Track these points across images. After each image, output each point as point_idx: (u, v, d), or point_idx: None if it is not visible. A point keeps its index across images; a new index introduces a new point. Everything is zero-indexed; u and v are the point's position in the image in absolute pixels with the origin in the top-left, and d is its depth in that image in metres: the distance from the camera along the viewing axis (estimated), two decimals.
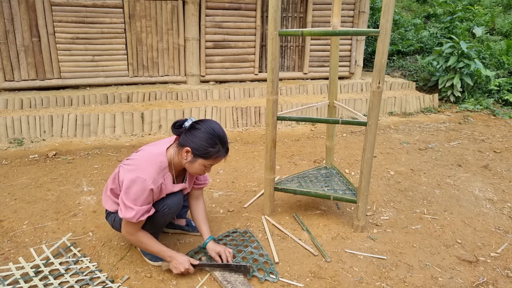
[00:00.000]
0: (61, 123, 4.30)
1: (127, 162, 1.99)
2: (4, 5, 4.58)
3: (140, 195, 1.87)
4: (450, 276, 2.14)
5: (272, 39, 2.33)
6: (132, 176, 1.87)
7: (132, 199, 1.87)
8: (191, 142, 1.91)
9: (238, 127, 4.87)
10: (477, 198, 3.09)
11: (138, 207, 1.87)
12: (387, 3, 2.07)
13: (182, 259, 2.02)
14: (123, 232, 1.99)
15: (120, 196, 1.91)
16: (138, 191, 1.86)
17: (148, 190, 1.88)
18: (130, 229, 1.96)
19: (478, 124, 5.30)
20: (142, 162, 1.94)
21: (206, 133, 1.91)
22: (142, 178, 1.86)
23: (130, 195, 1.87)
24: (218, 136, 1.93)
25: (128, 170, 1.92)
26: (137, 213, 1.87)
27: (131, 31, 5.19)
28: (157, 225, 2.09)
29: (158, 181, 1.93)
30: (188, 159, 1.95)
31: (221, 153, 1.96)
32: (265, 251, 2.26)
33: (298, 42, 6.10)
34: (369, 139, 2.32)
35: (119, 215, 1.91)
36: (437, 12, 8.93)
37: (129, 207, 1.87)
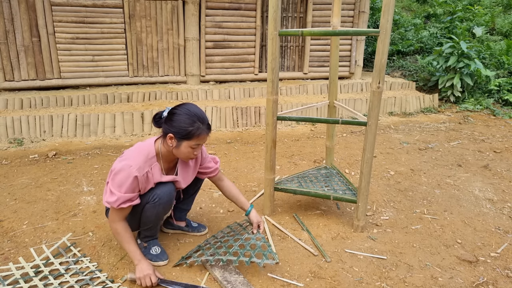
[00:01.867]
0: (61, 123, 4.30)
1: (121, 157, 2.04)
2: (4, 5, 4.58)
3: (124, 181, 1.91)
4: (450, 276, 2.14)
5: (272, 39, 2.33)
6: (120, 164, 1.93)
7: (117, 185, 1.92)
8: (172, 127, 1.95)
9: (238, 127, 4.87)
10: (477, 198, 3.09)
11: (120, 194, 1.91)
12: (387, 3, 2.07)
13: (148, 267, 1.97)
14: (108, 218, 2.04)
15: (107, 182, 1.98)
16: (123, 177, 1.91)
17: (132, 177, 1.91)
18: (112, 215, 1.99)
19: (478, 124, 5.30)
20: (131, 153, 2.00)
21: (183, 115, 1.94)
22: (128, 165, 1.92)
23: (116, 181, 1.92)
24: (195, 114, 1.95)
25: (118, 161, 1.98)
26: (118, 198, 1.91)
27: (131, 31, 5.19)
28: (150, 218, 2.09)
29: (143, 169, 1.96)
30: (174, 145, 1.98)
31: (202, 131, 1.97)
32: (262, 235, 2.26)
33: (298, 42, 6.10)
34: (369, 139, 2.32)
35: (103, 199, 1.98)
36: (437, 12, 8.94)
37: (112, 192, 1.93)
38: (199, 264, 2.16)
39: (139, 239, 2.25)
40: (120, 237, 2.01)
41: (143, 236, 2.22)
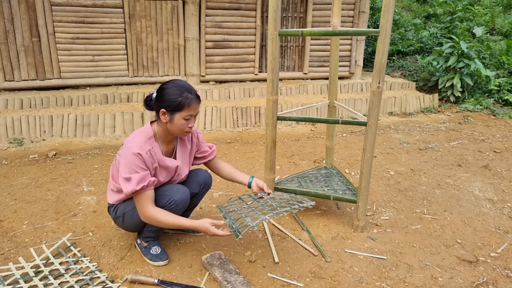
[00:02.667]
0: (61, 123, 4.30)
1: (119, 151, 2.04)
2: (4, 5, 4.58)
3: (131, 163, 1.91)
4: (450, 276, 2.14)
5: (272, 39, 2.33)
6: (124, 152, 1.94)
7: (127, 170, 1.91)
8: (163, 102, 1.95)
9: (238, 127, 4.87)
10: (477, 198, 3.09)
11: (134, 174, 1.90)
12: (387, 3, 2.07)
13: (203, 223, 1.95)
14: (142, 217, 1.98)
15: (119, 178, 1.95)
16: (129, 160, 1.91)
17: (136, 156, 1.91)
18: (141, 204, 1.94)
19: (478, 124, 5.30)
20: (130, 140, 1.99)
21: (171, 88, 1.96)
22: (130, 148, 1.92)
23: (124, 168, 1.91)
24: (182, 85, 1.97)
25: (121, 153, 1.98)
26: (135, 179, 1.89)
27: (131, 31, 5.19)
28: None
29: (144, 148, 1.95)
30: (167, 119, 1.98)
31: (192, 100, 1.96)
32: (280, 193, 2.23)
33: (298, 42, 6.10)
34: (369, 139, 2.32)
35: (124, 193, 1.92)
36: (437, 12, 8.94)
37: (126, 178, 1.90)
38: (199, 264, 2.16)
39: (139, 239, 2.25)
40: (163, 220, 1.95)
41: (145, 236, 2.21)
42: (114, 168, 2.09)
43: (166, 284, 1.99)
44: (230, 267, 2.09)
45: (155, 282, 1.98)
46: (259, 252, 2.29)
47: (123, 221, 2.15)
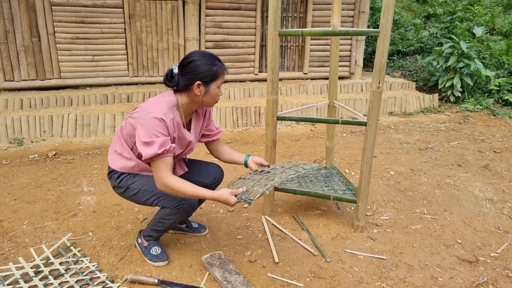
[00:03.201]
0: (61, 123, 4.30)
1: (133, 115, 1.96)
2: (4, 5, 4.58)
3: (153, 128, 1.83)
4: (450, 276, 2.14)
5: (272, 39, 2.33)
6: (144, 117, 1.86)
7: (147, 136, 1.83)
8: (195, 75, 1.90)
9: (238, 127, 4.87)
10: (477, 198, 3.09)
11: (156, 138, 1.83)
12: (387, 3, 2.07)
13: (224, 197, 1.89)
14: (159, 185, 1.90)
15: (137, 144, 1.87)
16: (150, 124, 1.84)
17: (160, 121, 1.84)
18: (160, 171, 1.86)
19: (478, 124, 5.30)
20: (150, 105, 1.91)
21: (201, 59, 1.90)
22: (152, 113, 1.85)
23: (144, 132, 1.84)
24: (209, 55, 1.94)
25: (138, 118, 1.89)
26: (157, 143, 1.82)
27: (131, 31, 5.19)
28: (165, 222, 2.09)
29: (168, 115, 1.89)
30: (202, 91, 1.93)
31: (223, 67, 1.96)
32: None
33: (298, 42, 6.10)
34: (369, 139, 2.32)
35: (144, 157, 1.84)
36: (437, 12, 8.93)
37: (147, 142, 1.83)
38: (199, 264, 2.16)
39: (140, 238, 2.25)
40: (181, 189, 1.86)
41: (147, 234, 2.21)
42: (124, 131, 2.00)
43: (166, 284, 1.99)
44: (230, 267, 2.09)
45: (155, 282, 1.98)
46: (259, 252, 2.30)
47: (124, 192, 2.08)
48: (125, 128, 2.00)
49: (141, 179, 2.05)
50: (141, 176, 2.06)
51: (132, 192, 2.05)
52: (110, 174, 2.10)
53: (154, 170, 1.89)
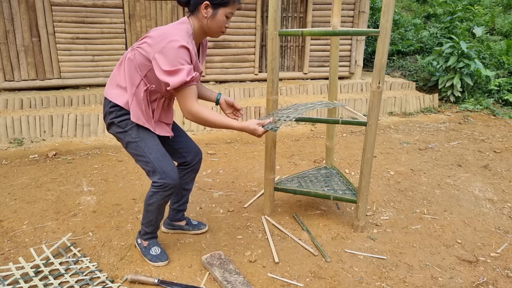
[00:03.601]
0: (61, 123, 4.30)
1: (143, 45, 1.84)
2: (4, 5, 4.58)
3: (177, 56, 1.75)
4: (450, 276, 2.14)
5: (272, 39, 2.33)
6: (164, 45, 1.75)
7: (171, 65, 1.75)
8: None
9: None
10: (477, 198, 3.09)
11: (183, 66, 1.76)
12: (387, 3, 2.07)
13: (252, 127, 1.90)
14: (185, 114, 1.85)
15: (159, 73, 1.78)
16: (176, 52, 1.75)
17: (183, 49, 1.76)
18: (188, 99, 1.81)
19: (478, 124, 5.30)
20: (169, 32, 1.79)
21: None
22: (176, 40, 1.75)
23: (167, 61, 1.75)
24: None
25: (155, 46, 1.78)
26: (185, 70, 1.75)
27: (131, 31, 5.19)
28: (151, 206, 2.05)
29: (190, 44, 1.82)
30: (209, 13, 1.86)
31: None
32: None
33: (298, 42, 6.10)
34: (369, 139, 2.32)
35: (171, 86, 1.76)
36: (437, 12, 8.93)
37: (172, 71, 1.74)
38: (199, 264, 2.16)
39: (139, 238, 2.25)
40: (210, 118, 1.84)
41: (144, 233, 2.20)
42: (132, 63, 1.88)
43: (166, 284, 1.99)
44: (230, 267, 2.09)
45: (155, 282, 1.98)
46: (259, 252, 2.30)
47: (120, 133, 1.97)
48: (134, 59, 1.88)
49: (145, 136, 1.98)
50: (145, 133, 1.98)
51: (128, 138, 1.97)
52: (112, 109, 1.96)
53: (180, 99, 1.82)
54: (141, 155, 1.98)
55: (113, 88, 1.97)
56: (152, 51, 1.79)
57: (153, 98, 1.96)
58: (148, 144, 1.97)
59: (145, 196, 2.19)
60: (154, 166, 1.97)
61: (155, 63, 1.79)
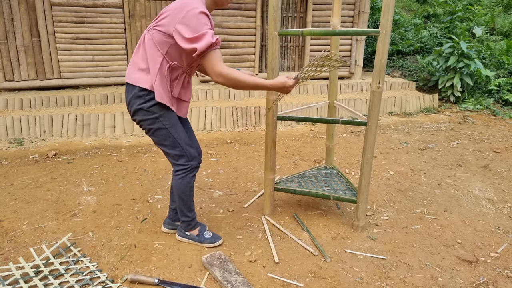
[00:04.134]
0: (61, 123, 4.30)
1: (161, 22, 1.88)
2: (4, 5, 4.58)
3: (199, 21, 1.80)
4: (450, 276, 2.14)
5: (272, 39, 2.33)
6: (184, 15, 1.81)
7: (195, 31, 1.80)
8: None
9: (238, 127, 4.87)
10: (477, 198, 3.09)
11: (205, 30, 1.81)
12: (387, 3, 2.07)
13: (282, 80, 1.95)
14: (215, 76, 1.87)
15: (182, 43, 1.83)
16: (197, 19, 1.80)
17: (204, 14, 1.82)
18: (217, 61, 1.84)
19: (478, 124, 5.30)
20: (186, 3, 1.84)
21: None
22: (195, 8, 1.81)
23: (191, 28, 1.80)
24: None
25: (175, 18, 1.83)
26: (209, 34, 1.81)
27: (131, 31, 5.19)
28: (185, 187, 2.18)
29: (206, 10, 1.87)
30: None
31: None
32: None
33: (298, 42, 6.10)
34: (369, 139, 2.32)
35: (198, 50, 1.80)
36: (437, 12, 8.94)
37: (199, 36, 1.79)
38: (199, 264, 2.16)
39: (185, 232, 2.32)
40: (241, 78, 1.87)
41: (188, 224, 2.30)
42: (151, 42, 1.91)
43: (166, 284, 1.99)
44: (230, 267, 2.09)
45: (155, 282, 1.98)
46: (259, 252, 2.30)
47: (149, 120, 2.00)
48: (153, 39, 1.91)
49: (174, 122, 2.04)
50: (174, 118, 2.04)
51: (158, 125, 2.00)
52: (140, 93, 1.96)
53: (208, 63, 1.85)
54: (171, 140, 2.06)
55: (134, 72, 1.98)
56: (172, 23, 1.84)
57: (174, 75, 2.00)
58: (178, 130, 2.07)
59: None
60: (182, 150, 2.09)
61: (177, 34, 1.83)
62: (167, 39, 1.88)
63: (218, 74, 1.86)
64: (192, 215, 2.30)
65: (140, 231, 2.48)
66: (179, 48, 1.91)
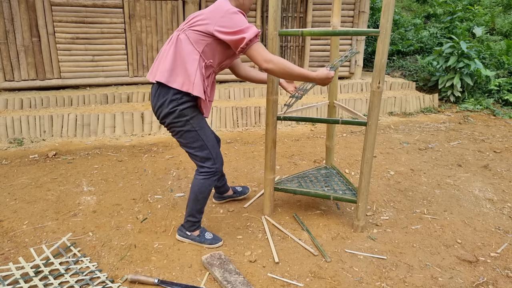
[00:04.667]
0: (61, 123, 4.30)
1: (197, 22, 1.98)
2: (4, 5, 4.58)
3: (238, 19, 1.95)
4: (450, 276, 2.14)
5: (272, 39, 2.33)
6: (222, 15, 1.95)
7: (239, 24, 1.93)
8: None
9: (238, 127, 4.87)
10: (477, 198, 3.09)
11: (248, 24, 1.96)
12: (387, 3, 2.07)
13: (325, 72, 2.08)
14: (264, 64, 1.98)
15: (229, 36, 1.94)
16: (236, 17, 1.95)
17: (240, 13, 1.97)
18: (263, 53, 1.97)
19: (478, 124, 5.30)
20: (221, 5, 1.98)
21: None
22: (231, 9, 1.96)
23: (233, 23, 1.93)
24: None
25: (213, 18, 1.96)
26: (252, 26, 1.96)
27: (131, 31, 5.19)
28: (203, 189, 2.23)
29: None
30: None
31: None
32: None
33: (298, 42, 6.10)
34: (369, 139, 2.32)
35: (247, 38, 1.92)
36: (437, 12, 8.94)
37: (244, 28, 1.93)
38: (199, 264, 2.16)
39: (184, 234, 2.36)
40: (288, 65, 1.99)
41: (191, 224, 2.33)
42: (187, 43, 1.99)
43: (166, 284, 1.99)
44: (230, 267, 2.09)
45: (155, 282, 1.98)
46: (259, 252, 2.30)
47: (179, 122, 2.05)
48: (188, 38, 1.99)
49: (203, 124, 2.13)
50: (203, 121, 2.13)
51: (188, 127, 2.07)
52: (175, 96, 2.01)
53: (256, 53, 1.96)
54: (199, 143, 2.12)
55: (169, 73, 2.00)
56: (212, 23, 1.95)
57: (207, 74, 2.09)
58: (206, 133, 2.14)
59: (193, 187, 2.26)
60: (210, 153, 2.15)
61: (219, 32, 1.95)
62: (204, 38, 1.98)
63: (268, 60, 1.96)
64: (199, 218, 2.34)
65: (140, 231, 2.48)
66: (213, 47, 2.01)
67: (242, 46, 1.94)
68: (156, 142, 4.23)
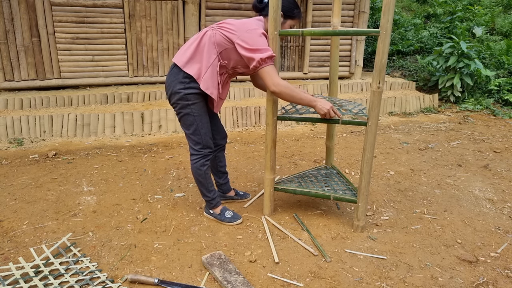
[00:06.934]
0: (61, 123, 4.30)
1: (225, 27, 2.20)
2: (4, 5, 4.58)
3: (260, 40, 2.16)
4: (450, 276, 2.14)
5: (272, 39, 2.33)
6: (247, 30, 2.17)
7: (259, 44, 2.14)
8: (281, 6, 2.26)
9: (238, 127, 4.87)
10: (477, 198, 3.09)
11: (265, 46, 2.16)
12: (387, 3, 2.07)
13: (326, 102, 2.27)
14: (272, 87, 2.19)
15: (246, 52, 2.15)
16: (259, 37, 2.16)
17: (264, 36, 2.19)
18: (273, 75, 2.17)
19: (478, 124, 5.30)
20: (251, 23, 2.21)
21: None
22: (257, 29, 2.18)
23: (254, 41, 2.14)
24: (295, 0, 2.37)
25: (238, 31, 2.17)
26: (269, 49, 2.17)
27: (131, 31, 5.19)
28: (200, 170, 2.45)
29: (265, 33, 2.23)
30: (281, 21, 2.30)
31: (300, 15, 2.39)
32: None
33: (298, 42, 6.10)
34: (369, 139, 2.32)
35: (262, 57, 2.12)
36: (437, 12, 8.94)
37: (261, 49, 2.14)
38: (199, 264, 2.16)
39: (209, 210, 2.60)
40: (294, 91, 2.20)
41: (208, 204, 2.59)
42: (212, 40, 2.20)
43: (166, 284, 1.99)
44: (230, 267, 2.09)
45: (155, 282, 1.98)
46: (259, 252, 2.30)
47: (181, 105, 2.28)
48: (214, 37, 2.20)
49: (202, 113, 2.33)
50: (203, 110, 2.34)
51: (188, 110, 2.29)
52: (184, 79, 2.24)
53: (265, 75, 2.18)
54: (194, 127, 2.34)
55: (187, 59, 2.23)
56: (237, 34, 2.17)
57: (221, 71, 2.30)
58: (203, 120, 2.35)
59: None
60: (201, 138, 2.37)
61: (239, 46, 2.17)
62: (226, 43, 2.21)
63: (276, 84, 2.17)
64: (211, 195, 2.55)
65: (140, 231, 2.49)
66: (230, 53, 2.23)
67: (254, 64, 2.15)
68: (156, 142, 4.23)
